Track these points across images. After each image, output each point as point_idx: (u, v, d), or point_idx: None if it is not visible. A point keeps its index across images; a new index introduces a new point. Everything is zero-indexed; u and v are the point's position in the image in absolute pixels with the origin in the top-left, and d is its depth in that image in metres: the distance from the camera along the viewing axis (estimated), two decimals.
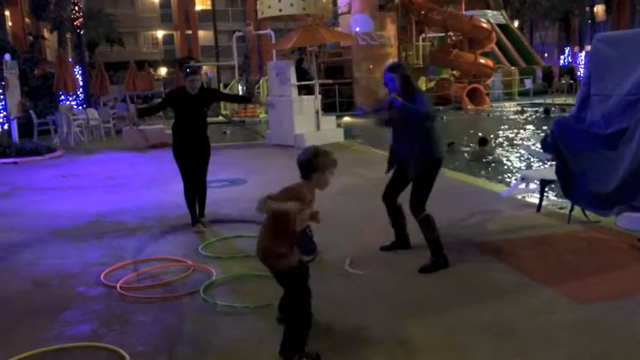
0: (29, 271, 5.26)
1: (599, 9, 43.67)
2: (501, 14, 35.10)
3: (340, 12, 26.93)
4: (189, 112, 6.31)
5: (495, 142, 14.29)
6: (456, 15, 26.70)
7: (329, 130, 14.09)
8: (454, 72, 27.79)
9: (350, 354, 3.46)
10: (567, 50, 41.71)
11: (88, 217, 7.25)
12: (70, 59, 23.83)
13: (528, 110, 23.43)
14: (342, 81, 24.82)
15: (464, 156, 12.08)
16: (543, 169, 8.04)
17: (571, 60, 39.12)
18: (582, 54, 33.67)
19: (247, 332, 3.79)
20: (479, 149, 12.13)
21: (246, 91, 26.12)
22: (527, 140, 14.67)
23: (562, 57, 41.44)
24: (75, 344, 3.73)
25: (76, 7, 24.45)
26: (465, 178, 9.13)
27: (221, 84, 30.11)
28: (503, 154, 12.51)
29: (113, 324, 4.03)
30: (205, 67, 38.01)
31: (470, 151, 12.35)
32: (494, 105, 26.10)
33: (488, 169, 10.88)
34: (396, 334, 3.70)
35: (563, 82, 30.52)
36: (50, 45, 33.83)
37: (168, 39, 48.34)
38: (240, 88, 26.24)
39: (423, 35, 28.26)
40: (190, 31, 46.74)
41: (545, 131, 12.49)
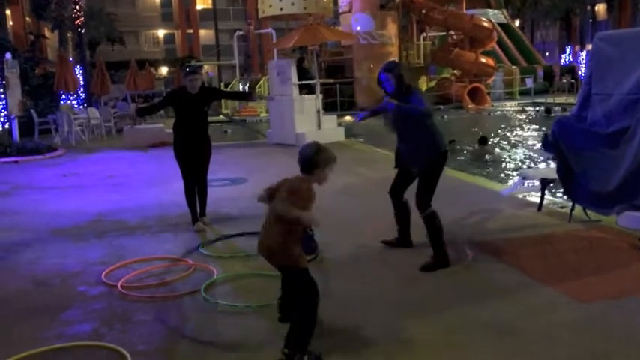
0: (30, 270, 5.26)
1: (601, 8, 43.62)
2: (502, 13, 35.07)
3: (341, 11, 26.93)
4: (189, 112, 6.31)
5: (496, 141, 14.28)
6: (456, 14, 26.70)
7: (330, 129, 14.09)
8: (455, 71, 27.77)
9: (350, 353, 3.46)
10: (568, 49, 41.65)
11: (89, 216, 7.26)
12: (71, 58, 23.87)
13: (529, 109, 23.42)
14: (343, 80, 24.82)
15: (464, 155, 12.08)
16: (544, 168, 8.05)
17: (572, 59, 39.08)
18: (583, 53, 33.60)
19: (248, 331, 3.79)
20: (479, 148, 12.13)
21: (247, 88, 26.13)
22: (528, 140, 14.66)
23: (563, 56, 41.40)
24: (76, 343, 3.73)
25: (77, 7, 24.47)
26: (466, 177, 9.12)
27: (222, 83, 30.13)
28: (504, 154, 12.50)
29: (114, 323, 4.03)
30: (206, 67, 38.05)
31: (470, 151, 12.35)
32: (495, 104, 26.09)
33: (489, 168, 10.88)
34: (397, 333, 3.71)
35: (564, 81, 30.50)
36: (51, 44, 33.85)
37: (169, 38, 48.37)
38: (240, 87, 26.23)
39: (424, 34, 28.26)
40: (191, 30, 46.74)
41: (545, 130, 12.51)
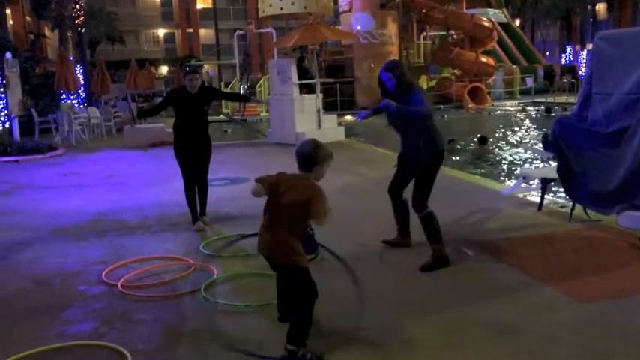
0: (30, 269, 5.26)
1: (601, 7, 43.62)
2: (502, 13, 35.08)
3: (341, 10, 26.94)
4: (189, 111, 6.31)
5: (496, 140, 14.28)
6: (457, 13, 26.70)
7: (330, 128, 14.09)
8: (455, 71, 27.78)
9: (351, 353, 3.45)
10: (569, 49, 41.64)
11: (89, 215, 7.26)
12: (71, 58, 23.88)
13: (530, 109, 23.42)
14: (343, 80, 24.83)
15: (464, 154, 12.08)
16: (544, 167, 8.04)
17: (572, 58, 39.07)
18: (584, 52, 33.60)
19: (248, 331, 3.79)
20: (479, 148, 12.13)
21: (247, 89, 26.10)
22: (529, 139, 14.66)
23: (563, 55, 41.38)
24: (76, 343, 3.73)
25: (77, 6, 24.46)
26: (466, 176, 9.13)
27: (222, 82, 30.12)
28: (504, 153, 12.50)
29: (114, 322, 4.03)
30: (206, 66, 38.02)
31: (470, 150, 12.36)
32: (495, 104, 26.09)
33: (489, 167, 10.88)
34: (397, 333, 3.71)
35: (565, 80, 30.50)
36: (51, 43, 33.86)
37: (170, 37, 48.36)
38: (241, 86, 26.23)
39: (424, 34, 28.27)
40: (191, 30, 46.75)
41: (546, 130, 12.50)
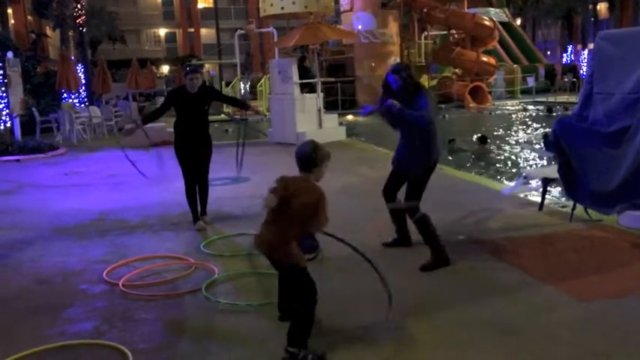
0: (32, 268, 5.28)
1: (602, 7, 43.55)
2: (504, 12, 35.03)
3: (342, 10, 26.89)
4: (189, 111, 6.32)
5: (497, 140, 14.27)
6: (458, 13, 26.66)
7: (331, 128, 14.09)
8: (456, 70, 27.74)
9: (351, 353, 3.46)
10: (570, 48, 41.58)
11: (91, 214, 7.27)
12: (72, 57, 23.87)
13: (531, 108, 23.40)
14: (344, 79, 24.78)
15: (464, 154, 12.07)
16: (545, 167, 8.04)
17: (574, 58, 39.03)
18: (585, 52, 33.56)
19: (249, 330, 3.80)
20: (479, 147, 12.14)
21: (249, 89, 26.14)
22: (530, 139, 14.65)
23: (564, 55, 41.33)
24: (77, 342, 3.74)
25: (79, 5, 24.49)
26: (466, 176, 9.13)
27: (223, 82, 30.12)
28: (505, 153, 12.49)
29: (115, 321, 4.04)
30: (208, 65, 38.01)
31: (470, 150, 12.36)
32: (496, 103, 26.07)
33: (490, 167, 10.87)
34: (397, 333, 3.71)
35: (566, 80, 30.46)
36: (53, 43, 33.86)
37: (171, 37, 48.36)
38: (242, 86, 26.23)
39: (425, 33, 28.21)
40: (192, 29, 46.72)
41: (547, 130, 12.49)
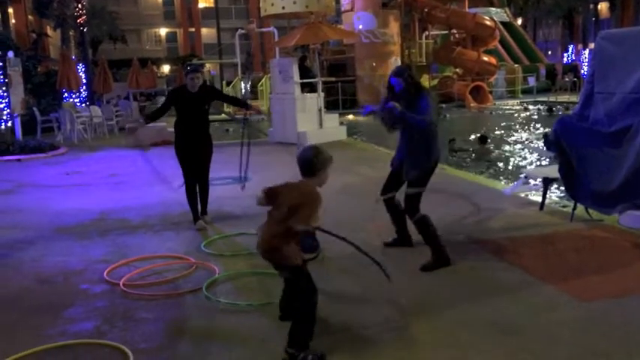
0: (33, 268, 5.28)
1: (603, 6, 43.53)
2: (505, 12, 35.01)
3: (343, 9, 26.89)
4: (190, 110, 6.33)
5: (498, 140, 14.26)
6: (459, 12, 26.66)
7: (332, 127, 14.09)
8: (457, 70, 27.74)
9: (351, 353, 3.46)
10: (571, 48, 41.58)
11: (92, 214, 7.27)
12: (73, 57, 23.83)
13: (531, 108, 23.39)
14: (345, 79, 24.79)
15: (465, 154, 12.07)
16: (546, 167, 8.04)
17: (574, 58, 39.02)
18: (586, 52, 33.58)
19: (250, 330, 3.80)
20: (479, 147, 12.14)
21: (250, 89, 26.09)
22: (531, 138, 14.64)
23: (565, 55, 41.32)
24: (78, 341, 3.75)
25: (79, 5, 24.48)
26: (467, 175, 9.12)
27: (224, 82, 30.13)
28: (506, 152, 12.49)
29: (116, 321, 4.05)
30: (208, 65, 38.01)
31: (470, 149, 12.37)
32: (497, 103, 26.06)
33: (491, 167, 10.87)
34: (398, 333, 3.71)
35: (567, 79, 30.45)
36: (53, 42, 33.87)
37: (172, 36, 48.38)
38: (243, 85, 26.22)
39: (426, 33, 28.21)
40: (193, 29, 46.73)
41: (547, 129, 12.49)
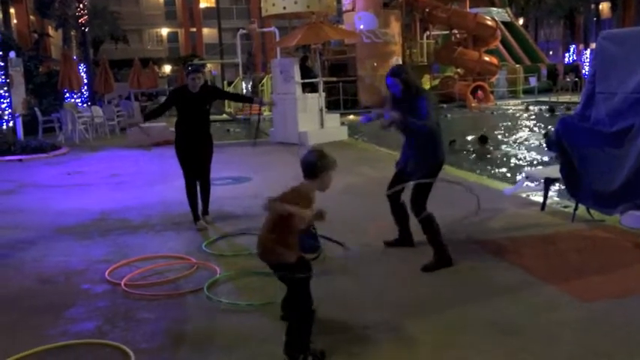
0: (34, 268, 5.28)
1: (605, 6, 43.50)
2: (506, 12, 34.99)
3: (344, 9, 26.89)
4: (190, 110, 6.33)
5: (499, 140, 14.25)
6: (460, 12, 26.67)
7: (333, 127, 14.09)
8: (458, 70, 27.74)
9: (352, 352, 3.46)
10: (572, 48, 41.58)
11: (93, 214, 7.28)
12: (74, 57, 23.85)
13: (533, 108, 23.38)
14: (346, 79, 24.80)
15: (466, 154, 12.07)
16: (548, 167, 8.04)
17: (576, 58, 39.02)
18: (587, 52, 33.59)
19: (251, 330, 3.80)
20: (479, 147, 12.13)
21: (251, 89, 26.10)
22: (532, 139, 14.63)
23: (567, 55, 41.33)
24: (79, 341, 3.75)
25: (81, 5, 24.51)
26: (468, 176, 9.11)
27: (225, 82, 30.13)
28: (507, 152, 12.47)
29: (117, 321, 4.05)
30: (210, 65, 38.03)
31: (471, 149, 12.36)
32: (498, 103, 26.05)
33: (491, 167, 10.85)
34: (399, 333, 3.71)
35: (568, 79, 30.42)
36: (55, 42, 33.89)
37: (173, 36, 48.40)
38: (244, 85, 26.23)
39: (428, 33, 28.22)
40: (195, 29, 46.72)
41: (549, 129, 12.48)
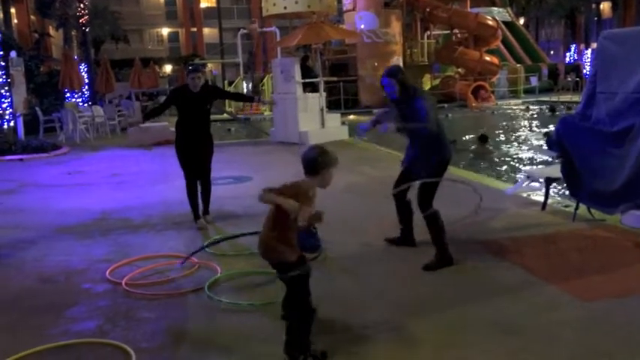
0: (35, 267, 5.29)
1: (605, 6, 43.47)
2: (507, 11, 34.97)
3: (345, 9, 26.89)
4: (191, 110, 6.34)
5: (500, 139, 14.25)
6: (461, 12, 26.67)
7: (334, 127, 14.09)
8: (459, 69, 27.73)
9: (353, 352, 3.46)
10: (573, 48, 41.54)
11: (94, 214, 7.28)
12: (75, 57, 23.87)
13: (534, 108, 23.37)
14: (346, 78, 24.80)
15: (466, 154, 12.06)
16: (548, 166, 8.03)
17: (577, 57, 38.98)
18: (588, 51, 33.54)
19: (252, 329, 3.80)
20: (479, 147, 12.12)
21: (252, 89, 26.12)
22: (533, 138, 14.62)
23: (568, 54, 41.29)
24: (80, 340, 3.75)
25: (82, 5, 24.56)
26: (469, 175, 9.10)
27: (226, 81, 30.15)
28: (508, 152, 12.47)
29: (118, 320, 4.05)
30: (210, 65, 38.04)
31: (471, 149, 12.36)
32: (499, 102, 26.04)
33: (492, 166, 10.85)
34: (400, 332, 3.71)
35: (569, 79, 30.38)
36: (56, 42, 33.90)
37: (174, 36, 48.41)
38: (245, 85, 26.24)
39: (428, 33, 28.22)
40: (195, 29, 46.74)
41: (550, 129, 12.47)
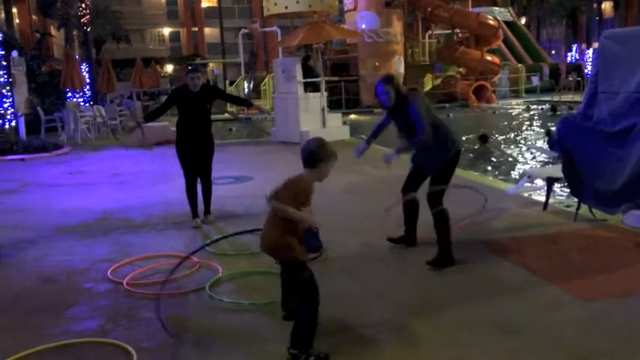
0: (36, 267, 5.29)
1: (607, 6, 43.44)
2: (508, 11, 34.96)
3: (346, 9, 26.87)
4: (191, 110, 6.35)
5: (501, 139, 14.24)
6: (462, 12, 26.64)
7: (335, 127, 14.09)
8: (460, 69, 27.71)
9: (354, 352, 3.46)
10: (574, 47, 41.51)
11: (95, 213, 7.29)
12: (77, 56, 23.89)
13: (535, 108, 23.35)
14: (348, 78, 24.79)
15: (467, 153, 12.05)
16: (550, 166, 8.03)
17: (578, 57, 38.93)
18: (589, 51, 33.50)
19: (253, 329, 3.80)
20: (480, 146, 12.12)
21: (253, 88, 26.15)
22: (534, 138, 14.61)
23: (569, 54, 41.25)
24: (81, 340, 3.75)
25: (83, 5, 24.57)
26: (470, 175, 9.10)
27: (227, 81, 30.18)
28: (509, 152, 12.47)
29: (119, 320, 4.06)
30: (212, 65, 38.08)
31: (471, 149, 12.36)
32: (500, 102, 26.02)
33: (493, 166, 10.85)
34: (401, 332, 3.71)
35: (570, 79, 30.36)
36: (57, 42, 33.91)
37: (175, 36, 48.44)
38: (246, 85, 26.25)
39: (430, 32, 28.19)
40: (196, 28, 46.78)
41: (551, 129, 12.46)
